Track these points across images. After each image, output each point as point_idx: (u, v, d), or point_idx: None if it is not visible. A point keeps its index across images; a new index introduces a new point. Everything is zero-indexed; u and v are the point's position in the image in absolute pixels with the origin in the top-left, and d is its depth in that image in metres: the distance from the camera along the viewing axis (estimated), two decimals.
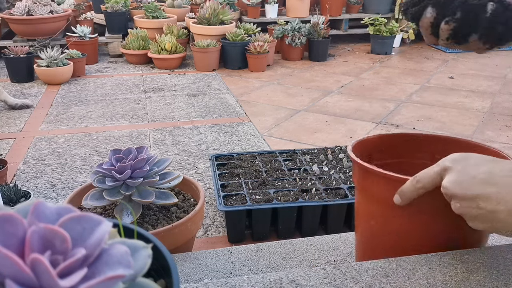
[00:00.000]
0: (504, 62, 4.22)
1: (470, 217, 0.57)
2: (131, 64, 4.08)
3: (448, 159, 0.59)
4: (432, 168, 0.60)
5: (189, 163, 2.22)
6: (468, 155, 0.59)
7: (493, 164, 0.57)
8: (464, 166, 0.57)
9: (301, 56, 4.32)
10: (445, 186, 0.58)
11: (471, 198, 0.55)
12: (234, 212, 1.53)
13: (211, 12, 3.99)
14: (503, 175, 0.55)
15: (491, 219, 0.55)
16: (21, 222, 0.31)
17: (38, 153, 2.32)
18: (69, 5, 4.63)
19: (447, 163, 0.59)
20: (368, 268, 0.60)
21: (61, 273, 0.30)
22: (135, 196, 1.16)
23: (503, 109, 3.05)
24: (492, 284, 0.57)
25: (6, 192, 1.57)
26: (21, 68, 3.49)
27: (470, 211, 0.56)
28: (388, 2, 5.00)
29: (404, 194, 0.63)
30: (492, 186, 0.54)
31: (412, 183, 0.62)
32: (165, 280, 0.38)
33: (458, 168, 0.57)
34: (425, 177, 0.60)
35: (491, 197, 0.54)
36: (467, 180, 0.56)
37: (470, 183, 0.55)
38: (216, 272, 0.99)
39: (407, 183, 0.62)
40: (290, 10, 4.78)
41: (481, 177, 0.55)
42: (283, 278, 0.58)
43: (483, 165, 0.57)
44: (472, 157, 0.59)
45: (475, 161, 0.58)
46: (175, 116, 2.86)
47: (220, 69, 3.97)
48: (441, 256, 0.63)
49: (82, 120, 2.79)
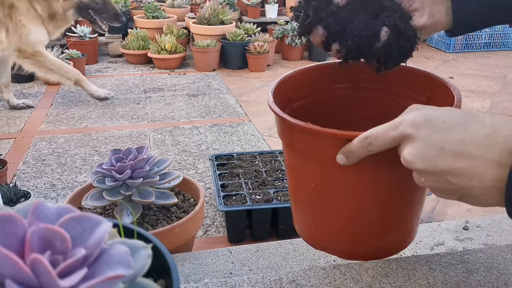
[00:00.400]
0: (504, 62, 4.22)
1: (437, 191, 0.50)
2: (131, 64, 4.08)
3: (408, 122, 0.49)
4: (387, 130, 0.50)
5: (189, 163, 2.22)
6: (433, 116, 0.48)
7: (464, 128, 0.46)
8: (429, 134, 0.47)
9: (301, 56, 4.32)
10: (407, 159, 0.49)
11: (439, 173, 0.47)
12: (234, 212, 1.53)
13: (211, 12, 3.99)
14: (477, 144, 0.45)
15: (462, 194, 0.47)
16: (21, 222, 0.31)
17: (38, 153, 2.32)
18: None
19: (407, 129, 0.48)
20: (368, 268, 0.60)
21: (61, 273, 0.30)
22: (135, 196, 1.16)
23: (503, 109, 3.05)
24: (492, 284, 0.57)
25: (6, 192, 1.57)
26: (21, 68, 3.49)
27: (438, 185, 0.48)
28: None
29: (352, 154, 0.54)
30: (464, 159, 0.45)
31: (362, 144, 0.52)
32: (165, 280, 0.38)
33: (421, 136, 0.47)
34: (379, 141, 0.51)
35: (463, 172, 0.46)
36: (434, 152, 0.47)
37: (438, 156, 0.46)
38: (216, 272, 0.99)
39: (356, 143, 0.53)
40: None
41: (450, 148, 0.46)
42: (283, 278, 0.58)
43: (452, 131, 0.47)
44: (438, 118, 0.48)
45: (442, 124, 0.47)
46: (175, 116, 2.86)
47: (220, 69, 3.97)
48: (441, 256, 0.63)
49: (82, 120, 2.79)
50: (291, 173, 0.69)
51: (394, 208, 0.62)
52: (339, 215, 0.63)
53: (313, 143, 0.58)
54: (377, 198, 0.61)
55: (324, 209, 0.64)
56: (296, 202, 0.71)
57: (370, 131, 0.52)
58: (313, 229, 0.69)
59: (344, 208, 0.63)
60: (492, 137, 0.45)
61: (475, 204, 0.48)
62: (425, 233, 1.08)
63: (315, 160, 0.60)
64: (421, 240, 1.05)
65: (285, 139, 0.65)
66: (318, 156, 0.59)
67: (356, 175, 0.58)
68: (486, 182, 0.45)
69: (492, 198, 0.46)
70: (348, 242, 0.65)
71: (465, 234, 1.07)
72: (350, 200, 0.61)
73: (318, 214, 0.66)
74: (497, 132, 0.45)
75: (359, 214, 0.62)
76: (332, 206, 0.63)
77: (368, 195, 0.60)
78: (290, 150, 0.65)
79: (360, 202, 0.61)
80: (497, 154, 0.44)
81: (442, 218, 1.75)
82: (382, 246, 0.65)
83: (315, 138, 0.58)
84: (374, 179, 0.59)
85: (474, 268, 0.60)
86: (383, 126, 0.51)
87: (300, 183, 0.67)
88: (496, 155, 0.44)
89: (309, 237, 0.70)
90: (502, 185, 0.44)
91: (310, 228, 0.69)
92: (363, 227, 0.63)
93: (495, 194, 0.45)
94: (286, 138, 0.64)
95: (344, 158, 0.54)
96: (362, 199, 0.61)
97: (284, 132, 0.64)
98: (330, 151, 0.56)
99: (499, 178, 0.44)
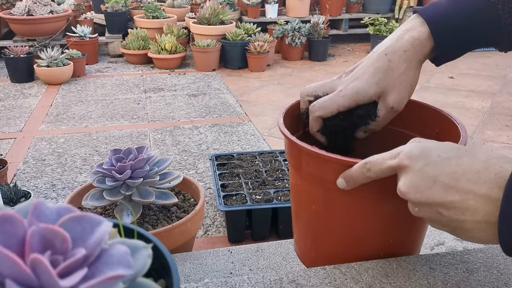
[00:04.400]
0: (504, 62, 4.22)
1: (430, 221, 0.51)
2: (131, 64, 4.08)
3: (405, 155, 0.50)
4: (385, 158, 0.52)
5: (189, 163, 2.22)
6: (429, 149, 0.49)
7: (457, 163, 0.48)
8: (423, 166, 0.48)
9: (301, 56, 4.32)
10: (401, 190, 0.50)
11: (431, 204, 0.48)
12: (234, 212, 1.53)
13: (211, 12, 3.99)
14: (468, 179, 0.46)
15: (455, 226, 0.48)
16: (21, 222, 0.31)
17: (38, 153, 2.32)
18: (69, 5, 4.63)
19: (404, 161, 0.50)
20: (368, 268, 0.60)
21: (61, 273, 0.30)
22: (135, 196, 1.16)
23: (503, 109, 3.05)
24: (492, 284, 0.57)
25: (6, 192, 1.57)
26: (21, 68, 3.49)
27: (431, 216, 0.49)
28: (388, 2, 5.00)
29: (352, 179, 0.55)
30: (456, 193, 0.46)
31: (361, 170, 0.54)
32: (165, 280, 0.38)
33: (416, 167, 0.49)
34: (377, 168, 0.52)
35: (455, 206, 0.47)
36: (426, 184, 0.48)
37: (430, 188, 0.48)
38: (216, 272, 0.99)
39: (356, 168, 0.54)
40: (290, 10, 4.78)
41: (443, 182, 0.47)
42: (283, 278, 0.58)
43: (446, 164, 0.48)
44: (434, 151, 0.49)
45: (437, 158, 0.48)
46: (175, 116, 2.86)
47: (220, 69, 3.97)
48: (441, 256, 0.63)
49: (82, 120, 2.79)
50: (295, 195, 0.71)
51: (392, 236, 0.63)
52: (337, 240, 0.65)
53: (318, 167, 0.61)
54: (375, 225, 0.62)
55: (324, 232, 0.66)
56: (298, 223, 0.72)
57: (370, 158, 0.54)
58: (313, 252, 0.70)
59: (343, 233, 0.64)
60: (483, 173, 0.46)
61: (468, 238, 0.49)
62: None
63: (318, 184, 0.62)
64: None
65: (292, 160, 0.67)
66: (321, 179, 0.61)
67: (356, 201, 0.60)
68: (477, 216, 0.46)
69: (484, 232, 0.46)
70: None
71: None
72: (349, 225, 0.63)
73: (318, 237, 0.68)
74: (488, 168, 0.46)
75: (357, 240, 0.63)
76: (331, 230, 0.65)
77: (367, 221, 0.62)
78: (295, 171, 0.67)
79: (358, 228, 0.62)
80: (488, 190, 0.45)
81: None
82: None
83: (319, 162, 0.60)
84: (373, 206, 0.60)
85: (474, 268, 0.60)
86: (382, 155, 0.53)
87: (303, 204, 0.68)
88: (487, 190, 0.45)
89: (308, 260, 0.72)
90: (494, 219, 0.45)
91: (310, 251, 0.71)
92: (361, 252, 0.64)
93: (486, 228, 0.46)
94: (293, 160, 0.66)
95: (344, 182, 0.56)
96: (360, 225, 0.62)
97: (291, 154, 0.67)
98: (333, 175, 0.58)
99: (489, 213, 0.45)
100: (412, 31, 0.63)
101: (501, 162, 0.46)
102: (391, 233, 0.63)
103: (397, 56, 0.63)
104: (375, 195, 0.58)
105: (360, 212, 0.61)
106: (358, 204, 0.60)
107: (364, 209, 0.61)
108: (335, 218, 0.64)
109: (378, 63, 0.64)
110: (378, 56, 0.64)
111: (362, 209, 0.61)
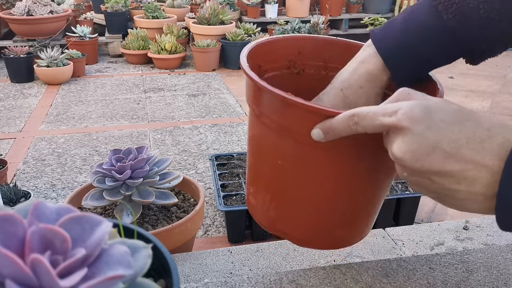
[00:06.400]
0: (504, 62, 4.22)
1: (416, 185, 0.47)
2: (131, 64, 4.08)
3: (405, 115, 0.45)
4: (378, 114, 0.47)
5: (189, 163, 2.22)
6: (432, 111, 0.45)
7: (460, 129, 0.44)
8: (424, 130, 0.44)
9: None
10: (395, 154, 0.45)
11: (425, 172, 0.44)
12: (234, 212, 1.53)
13: (211, 12, 3.99)
14: (471, 148, 0.43)
15: (444, 194, 0.45)
16: (21, 222, 0.31)
17: (38, 153, 2.32)
18: (69, 5, 4.63)
19: (403, 122, 0.44)
20: (368, 268, 0.60)
21: (61, 273, 0.30)
22: (135, 196, 1.16)
23: (503, 109, 3.05)
24: (492, 284, 0.57)
25: (6, 192, 1.57)
26: (21, 68, 3.49)
27: (419, 181, 0.46)
28: (388, 2, 5.00)
29: (332, 131, 0.50)
30: (456, 162, 0.43)
31: (347, 123, 0.48)
32: (165, 280, 0.38)
33: (416, 131, 0.44)
34: (367, 123, 0.47)
35: (452, 175, 0.43)
36: (425, 150, 0.44)
37: (428, 155, 0.44)
38: (216, 272, 0.99)
39: (340, 119, 0.49)
40: (290, 10, 4.78)
41: (443, 149, 0.43)
42: (283, 278, 0.58)
43: (448, 131, 0.44)
44: (437, 114, 0.45)
45: (439, 123, 0.44)
46: (175, 116, 2.86)
47: (220, 69, 3.97)
48: (441, 256, 0.63)
49: (82, 120, 2.79)
50: (256, 147, 0.63)
51: (364, 197, 0.58)
52: (303, 199, 0.58)
53: (291, 116, 0.53)
54: (349, 184, 0.56)
55: (288, 190, 0.59)
56: (255, 180, 0.65)
57: (359, 110, 0.48)
58: (271, 211, 0.64)
59: (311, 192, 0.57)
60: (487, 142, 0.43)
61: (455, 207, 0.46)
62: (425, 233, 1.08)
63: (289, 136, 0.55)
64: (421, 240, 1.05)
65: (256, 108, 0.58)
66: (293, 131, 0.54)
67: (331, 155, 0.54)
68: (474, 187, 0.44)
69: (477, 204, 0.45)
70: (309, 229, 0.61)
71: (465, 234, 1.07)
72: (319, 183, 0.57)
73: (280, 195, 0.61)
74: (492, 137, 0.44)
75: (327, 200, 0.57)
76: (298, 188, 0.58)
77: (340, 180, 0.56)
78: (259, 121, 0.58)
79: (330, 186, 0.57)
80: (490, 161, 0.43)
81: (442, 218, 1.75)
82: (342, 236, 0.61)
83: (295, 111, 0.52)
84: (348, 161, 0.54)
85: (474, 268, 0.60)
86: (372, 108, 0.47)
87: (265, 158, 0.61)
88: (489, 161, 0.43)
89: (264, 218, 0.66)
90: (491, 192, 0.43)
91: (268, 210, 0.64)
92: (330, 214, 0.59)
93: (481, 200, 0.44)
94: (259, 107, 0.58)
95: (322, 133, 0.50)
96: (333, 183, 0.56)
97: (257, 101, 0.58)
98: (309, 127, 0.51)
99: (488, 185, 0.43)
100: (367, 64, 0.60)
101: (504, 131, 0.44)
102: (363, 193, 0.58)
103: (353, 92, 0.61)
104: (352, 149, 0.53)
105: (332, 167, 0.55)
106: (331, 158, 0.54)
107: (337, 164, 0.55)
108: (303, 175, 0.57)
109: (336, 100, 0.62)
110: (336, 92, 0.62)
111: (335, 164, 0.55)
